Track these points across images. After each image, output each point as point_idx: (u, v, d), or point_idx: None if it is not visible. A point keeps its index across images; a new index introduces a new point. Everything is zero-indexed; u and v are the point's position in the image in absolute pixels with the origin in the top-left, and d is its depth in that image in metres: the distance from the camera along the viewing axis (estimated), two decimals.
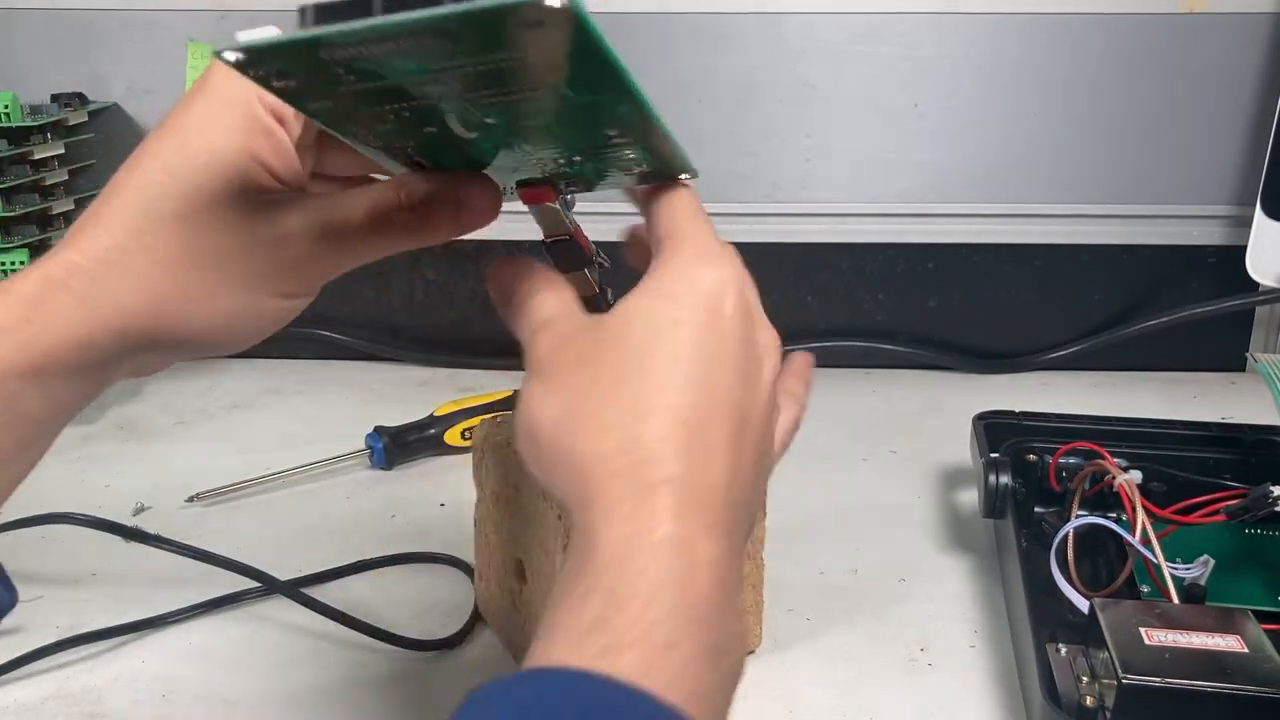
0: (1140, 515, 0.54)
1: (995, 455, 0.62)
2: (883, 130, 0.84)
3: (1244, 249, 0.80)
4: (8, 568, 0.41)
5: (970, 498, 0.69)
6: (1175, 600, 0.51)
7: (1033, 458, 0.63)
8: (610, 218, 0.42)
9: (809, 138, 0.84)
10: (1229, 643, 0.46)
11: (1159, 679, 0.44)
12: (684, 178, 0.39)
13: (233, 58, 0.28)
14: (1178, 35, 0.81)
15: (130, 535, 0.62)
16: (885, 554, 0.64)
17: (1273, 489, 0.55)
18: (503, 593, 0.54)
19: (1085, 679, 0.47)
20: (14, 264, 0.77)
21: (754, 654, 0.54)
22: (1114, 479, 0.57)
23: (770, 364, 0.37)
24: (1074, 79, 0.82)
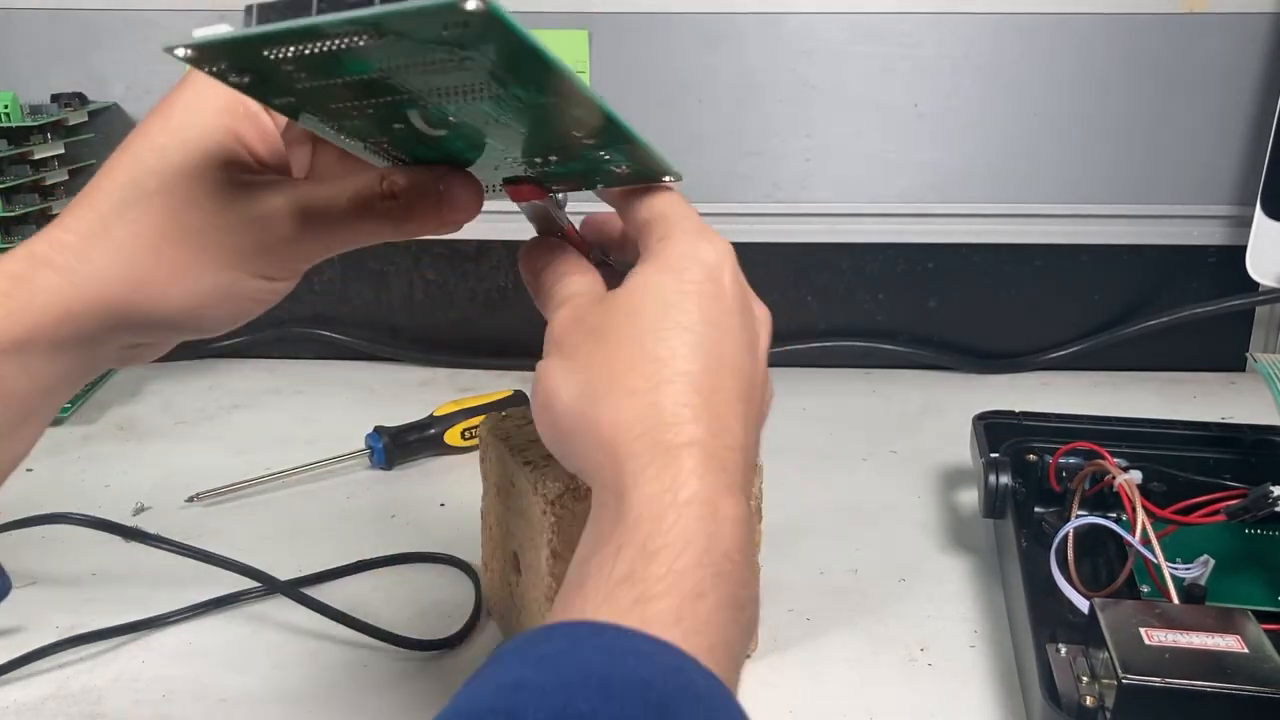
0: (1140, 515, 0.54)
1: (995, 455, 0.62)
2: (883, 130, 0.84)
3: (1244, 249, 0.80)
4: (8, 568, 0.41)
5: (970, 498, 0.69)
6: (1175, 600, 0.51)
7: (1033, 458, 0.63)
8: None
9: (809, 138, 0.84)
10: (1229, 643, 0.46)
11: (1159, 679, 0.44)
12: (667, 180, 0.39)
13: (182, 54, 0.28)
14: (1178, 35, 0.81)
15: (130, 535, 0.62)
16: (885, 554, 0.64)
17: (1273, 489, 0.55)
18: (503, 584, 0.55)
19: (1085, 679, 0.47)
20: None
21: (753, 655, 0.54)
22: (1114, 479, 0.57)
23: (765, 334, 0.39)
24: (1074, 79, 0.82)
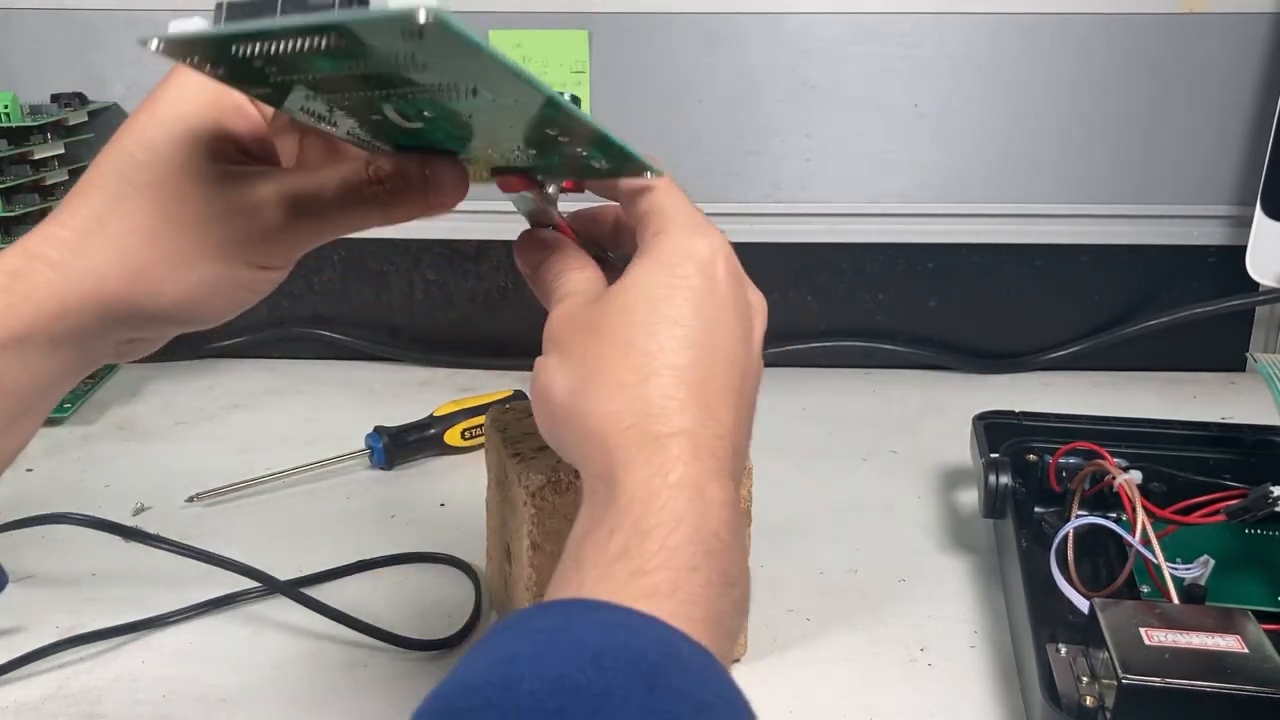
0: (1140, 515, 0.54)
1: (995, 455, 0.62)
2: (883, 130, 0.84)
3: (1244, 249, 0.80)
4: (7, 567, 0.41)
5: (970, 498, 0.69)
6: (1175, 600, 0.51)
7: (1033, 458, 0.63)
8: None
9: (809, 138, 0.84)
10: (1229, 643, 0.46)
11: (1159, 679, 0.44)
12: (648, 176, 0.39)
13: (153, 46, 0.29)
14: (1178, 35, 0.81)
15: (130, 535, 0.62)
16: (885, 554, 0.64)
17: (1273, 489, 0.55)
18: (500, 574, 0.56)
19: (1085, 679, 0.47)
20: None
21: (753, 654, 0.54)
22: (1114, 479, 0.57)
23: (759, 322, 0.40)
24: (1074, 79, 0.82)
